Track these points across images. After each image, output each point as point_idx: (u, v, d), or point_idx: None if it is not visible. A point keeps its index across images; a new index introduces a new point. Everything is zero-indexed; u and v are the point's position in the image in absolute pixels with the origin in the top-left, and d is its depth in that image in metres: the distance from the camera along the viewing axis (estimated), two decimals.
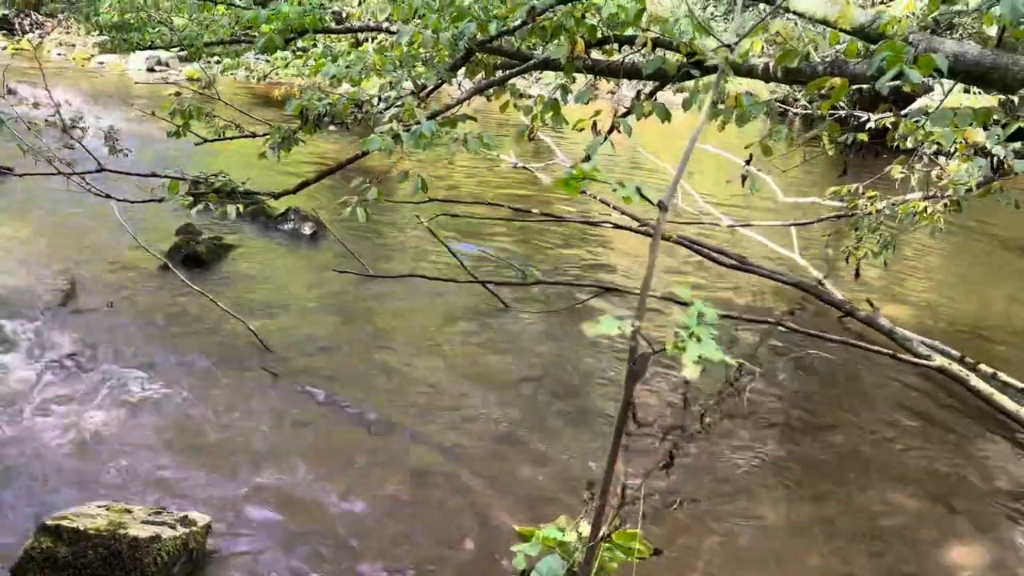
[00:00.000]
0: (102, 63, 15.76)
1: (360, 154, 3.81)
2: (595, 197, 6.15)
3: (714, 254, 5.34)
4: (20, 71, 12.00)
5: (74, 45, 16.92)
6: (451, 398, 3.97)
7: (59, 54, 16.41)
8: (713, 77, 2.97)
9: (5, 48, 16.30)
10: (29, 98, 7.88)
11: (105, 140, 4.01)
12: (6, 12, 18.83)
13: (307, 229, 6.32)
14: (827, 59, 3.11)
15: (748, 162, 2.85)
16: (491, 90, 4.08)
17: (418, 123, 3.27)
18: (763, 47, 3.19)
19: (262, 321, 4.50)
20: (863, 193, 4.68)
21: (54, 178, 4.20)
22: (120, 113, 8.69)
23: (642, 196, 1.29)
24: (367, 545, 2.83)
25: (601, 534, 1.51)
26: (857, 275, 5.19)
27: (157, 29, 5.58)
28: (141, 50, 7.22)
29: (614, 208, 5.88)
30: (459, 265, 5.35)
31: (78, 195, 4.32)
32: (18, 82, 10.36)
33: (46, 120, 3.90)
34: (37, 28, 19.18)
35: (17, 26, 18.82)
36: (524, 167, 4.51)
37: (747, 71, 3.16)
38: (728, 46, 1.36)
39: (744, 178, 2.82)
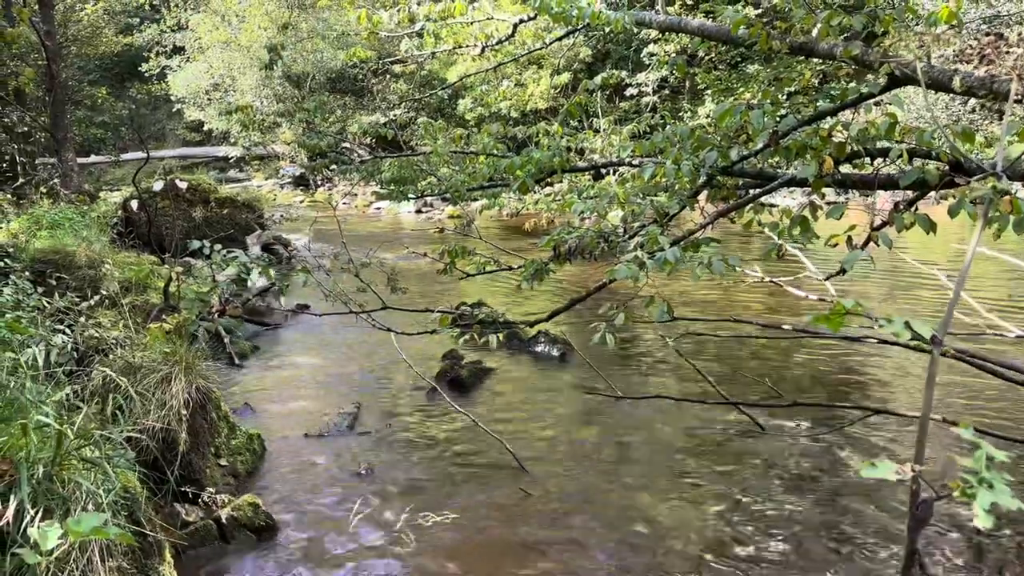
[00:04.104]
0: (379, 208, 18.25)
1: (607, 282, 4.01)
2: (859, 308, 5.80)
3: (1001, 369, 4.74)
4: (314, 219, 14.17)
5: (356, 195, 19.67)
6: (705, 528, 3.85)
7: (344, 203, 19.15)
8: (981, 184, 2.78)
9: (303, 201, 19.42)
10: (326, 249, 9.28)
11: (387, 281, 4.62)
12: (303, 171, 22.68)
13: (556, 351, 6.62)
14: None
15: None
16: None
17: (662, 249, 3.39)
18: None
19: (518, 440, 4.75)
20: None
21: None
22: (395, 254, 9.90)
23: (913, 333, 1.26)
24: None
25: None
26: None
27: (427, 180, 6.37)
28: (413, 199, 8.24)
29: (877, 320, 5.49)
30: (707, 384, 5.27)
31: (365, 329, 4.96)
32: (315, 229, 12.25)
33: (342, 268, 4.62)
34: (327, 182, 22.73)
35: (311, 182, 22.59)
36: (772, 281, 4.40)
37: (1022, 175, 2.92)
38: (996, 174, 1.32)
39: None
